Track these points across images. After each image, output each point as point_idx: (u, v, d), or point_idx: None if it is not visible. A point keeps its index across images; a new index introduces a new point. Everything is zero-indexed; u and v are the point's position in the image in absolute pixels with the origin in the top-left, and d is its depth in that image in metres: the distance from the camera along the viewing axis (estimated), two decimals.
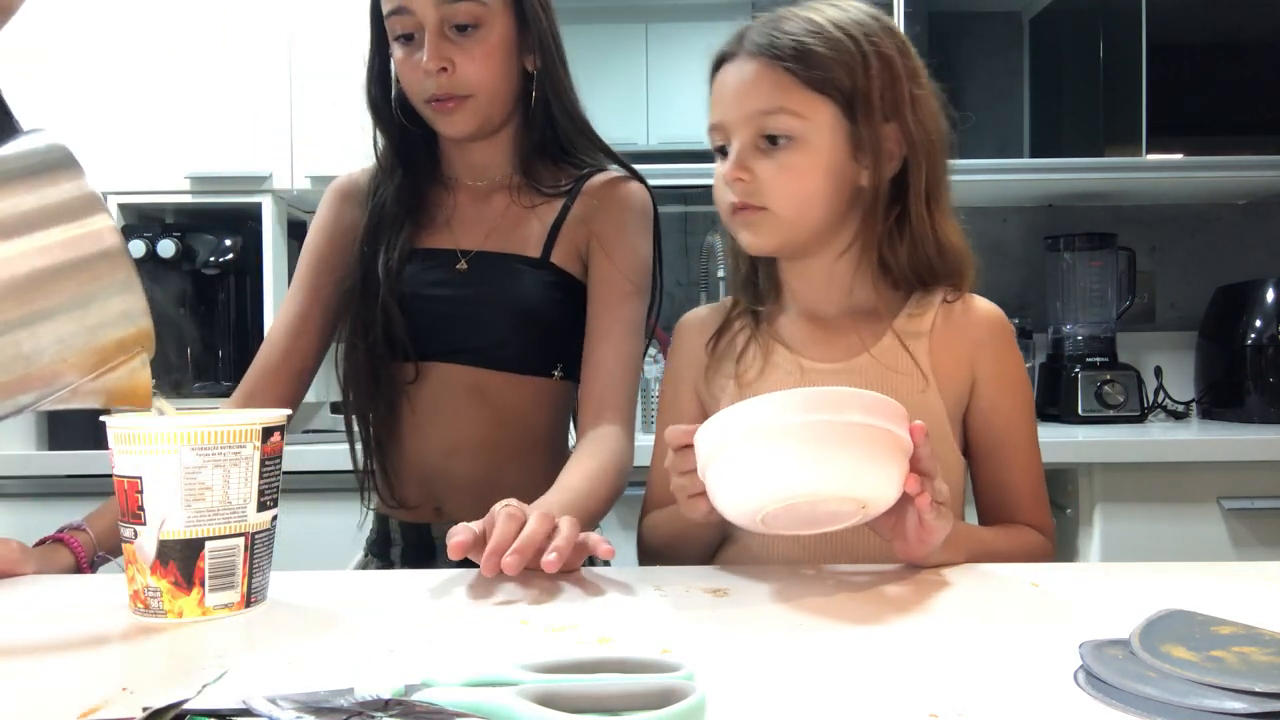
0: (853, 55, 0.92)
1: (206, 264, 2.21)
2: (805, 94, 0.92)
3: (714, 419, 0.74)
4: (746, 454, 0.72)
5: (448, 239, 1.18)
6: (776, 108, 0.92)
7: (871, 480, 0.72)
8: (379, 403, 1.16)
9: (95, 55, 2.24)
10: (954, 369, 0.97)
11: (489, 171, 1.20)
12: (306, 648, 0.65)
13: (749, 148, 0.93)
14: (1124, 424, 2.19)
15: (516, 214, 1.18)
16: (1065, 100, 2.27)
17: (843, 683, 0.57)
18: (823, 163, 0.93)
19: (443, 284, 1.16)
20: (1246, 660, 0.54)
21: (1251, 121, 2.19)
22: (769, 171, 0.93)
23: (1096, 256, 2.32)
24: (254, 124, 2.22)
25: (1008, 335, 1.00)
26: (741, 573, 0.86)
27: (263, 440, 0.75)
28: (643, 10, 2.84)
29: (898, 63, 0.95)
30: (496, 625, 0.70)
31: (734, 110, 0.94)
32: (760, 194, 0.93)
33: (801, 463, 0.70)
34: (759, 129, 0.93)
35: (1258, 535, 1.83)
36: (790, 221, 0.94)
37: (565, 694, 0.51)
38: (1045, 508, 1.00)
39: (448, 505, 1.16)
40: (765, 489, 0.72)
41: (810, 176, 0.93)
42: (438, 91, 1.10)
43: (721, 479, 0.74)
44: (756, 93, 0.93)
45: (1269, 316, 2.16)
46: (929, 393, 0.95)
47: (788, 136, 0.92)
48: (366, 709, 0.48)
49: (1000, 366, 0.98)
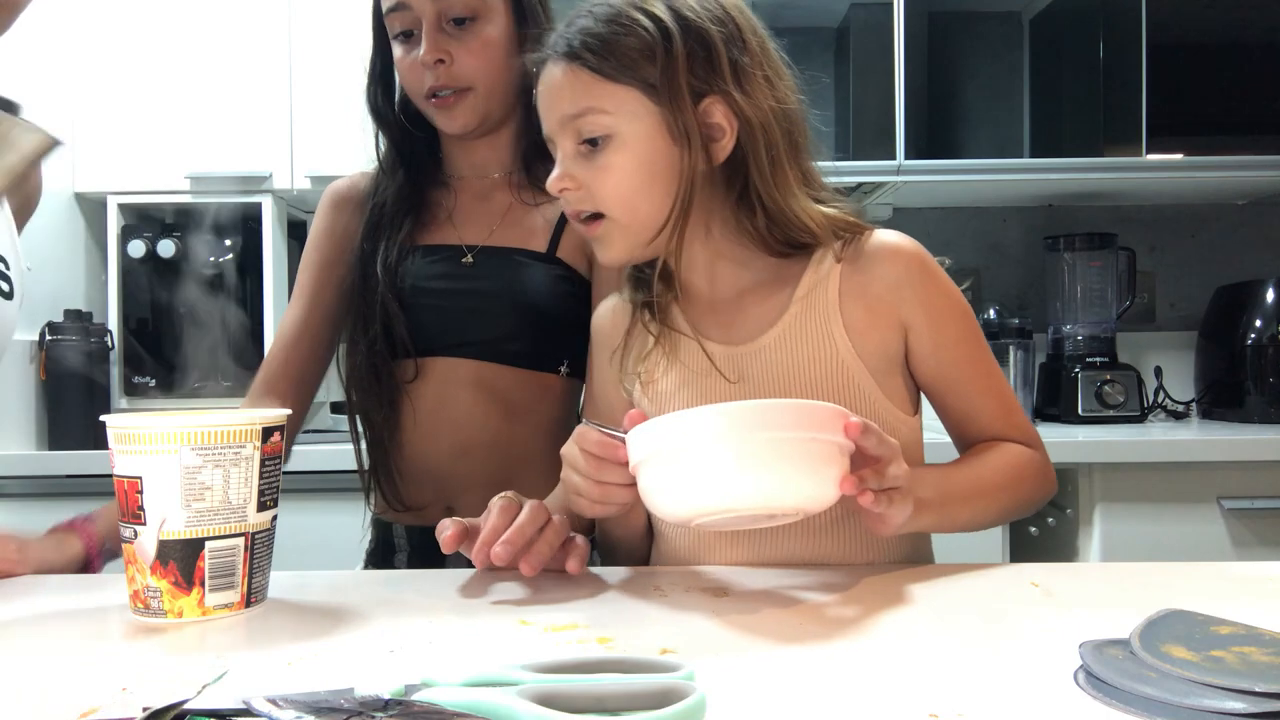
0: (652, 37, 0.86)
1: (206, 264, 2.21)
2: (608, 87, 0.87)
3: (648, 426, 0.74)
4: (678, 466, 0.72)
5: (452, 235, 1.18)
6: (584, 108, 0.87)
7: (804, 490, 0.72)
8: (382, 400, 1.15)
9: (95, 55, 2.25)
10: (874, 321, 0.91)
11: (491, 168, 1.20)
12: (306, 648, 0.65)
13: (571, 155, 0.89)
14: (1124, 424, 2.19)
15: (520, 210, 1.18)
16: (1065, 100, 2.27)
17: (843, 683, 0.57)
18: (639, 154, 0.87)
19: (448, 277, 1.16)
20: (1246, 660, 0.54)
21: (1251, 121, 2.19)
22: (591, 175, 0.88)
23: (1096, 256, 2.32)
24: (254, 124, 2.22)
25: (924, 268, 0.92)
26: (741, 573, 0.86)
27: (263, 440, 0.75)
28: None
29: (713, 33, 0.88)
30: (496, 625, 0.70)
31: (550, 118, 0.90)
32: (589, 199, 0.89)
33: (732, 477, 0.71)
34: (576, 133, 0.88)
35: (1258, 535, 1.83)
36: (627, 224, 0.90)
37: (565, 694, 0.51)
38: (1017, 418, 0.95)
39: (460, 506, 1.13)
40: (696, 501, 0.73)
41: (629, 172, 0.88)
42: (436, 84, 1.10)
43: (654, 485, 0.75)
44: (564, 97, 0.88)
45: (1269, 316, 2.16)
46: (845, 358, 0.90)
47: (604, 135, 0.87)
48: (366, 709, 0.48)
49: (927, 304, 0.91)
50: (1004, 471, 0.92)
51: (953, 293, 0.94)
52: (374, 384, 1.15)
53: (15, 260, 1.01)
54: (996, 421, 0.94)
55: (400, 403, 1.16)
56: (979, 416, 0.94)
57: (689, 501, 0.73)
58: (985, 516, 0.91)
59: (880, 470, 0.76)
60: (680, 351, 0.96)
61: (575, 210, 0.91)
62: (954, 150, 2.20)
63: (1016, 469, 0.92)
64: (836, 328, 0.91)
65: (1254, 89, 2.17)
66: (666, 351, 0.96)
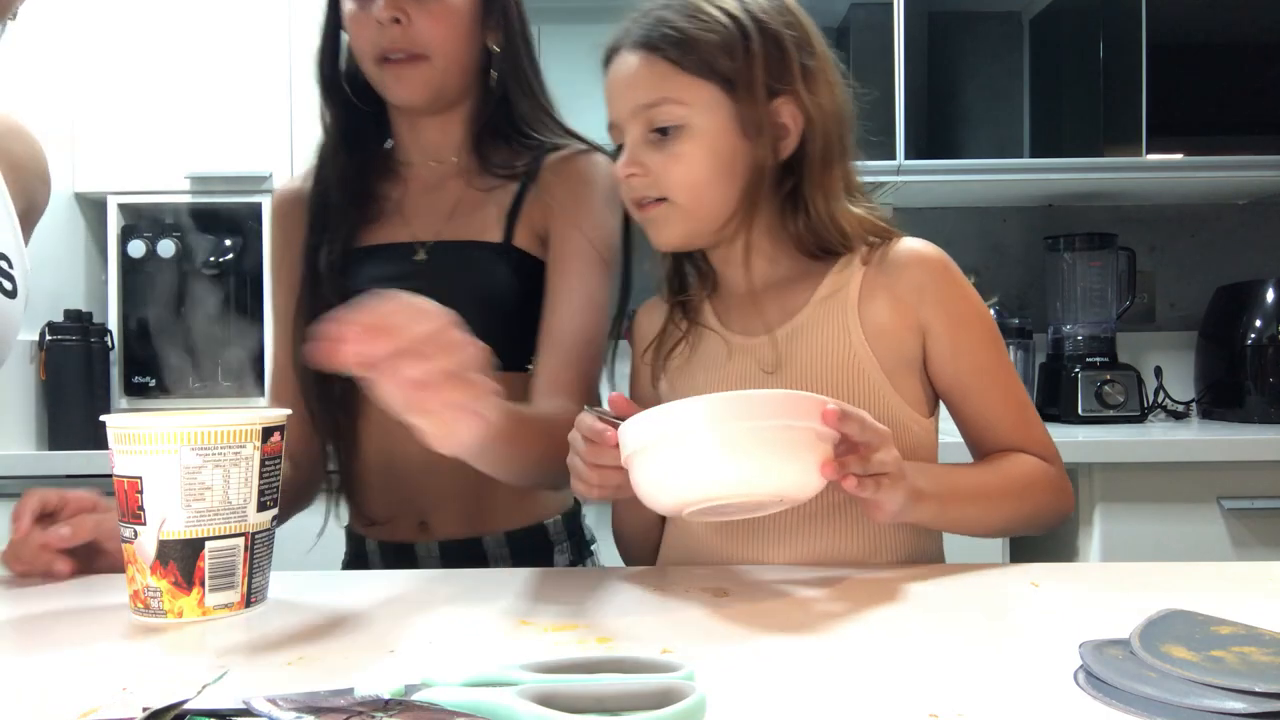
0: (732, 34, 0.90)
1: (206, 264, 2.21)
2: (685, 80, 0.90)
3: (634, 420, 0.75)
4: (661, 457, 0.73)
5: (401, 230, 1.11)
6: (660, 98, 0.90)
7: (785, 477, 0.73)
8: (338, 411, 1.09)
9: (95, 55, 2.24)
10: (893, 322, 0.92)
11: (442, 152, 1.13)
12: (306, 648, 0.65)
13: (640, 142, 0.92)
14: (1124, 424, 2.18)
15: (473, 198, 1.11)
16: (1065, 100, 2.27)
17: (843, 683, 0.57)
18: (711, 146, 0.91)
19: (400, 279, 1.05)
20: (1246, 660, 0.54)
21: (1251, 121, 2.19)
22: (660, 162, 0.91)
23: (1096, 256, 2.32)
24: (254, 124, 2.22)
25: (947, 274, 0.94)
26: (741, 573, 0.86)
27: (263, 440, 0.75)
28: None
29: (785, 36, 0.92)
30: (496, 625, 0.70)
31: (621, 106, 0.93)
32: (656, 186, 0.92)
33: (712, 466, 0.72)
34: (647, 122, 0.91)
35: (1258, 535, 1.83)
36: (689, 210, 0.93)
37: (565, 694, 0.51)
38: (1036, 432, 0.95)
39: (434, 520, 1.09)
40: (680, 491, 0.74)
41: (700, 162, 0.91)
42: (390, 47, 1.02)
43: (641, 477, 0.76)
44: (639, 86, 0.91)
45: (1269, 316, 2.16)
46: (859, 353, 0.92)
47: (676, 126, 0.90)
48: (366, 709, 0.48)
49: (948, 308, 0.93)
50: (1014, 479, 0.91)
51: (975, 301, 0.95)
52: (327, 391, 1.08)
53: (20, 260, 1.00)
54: (1013, 432, 0.94)
55: (359, 413, 1.09)
56: (995, 425, 0.94)
57: (674, 492, 0.74)
58: (991, 521, 0.91)
59: (865, 456, 0.77)
60: (702, 343, 0.99)
61: (640, 196, 0.93)
62: (954, 150, 2.20)
63: (1027, 478, 0.92)
64: (854, 325, 0.92)
65: (1254, 89, 2.17)
66: (691, 343, 0.99)
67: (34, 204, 1.09)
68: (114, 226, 2.24)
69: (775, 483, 0.73)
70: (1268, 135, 2.17)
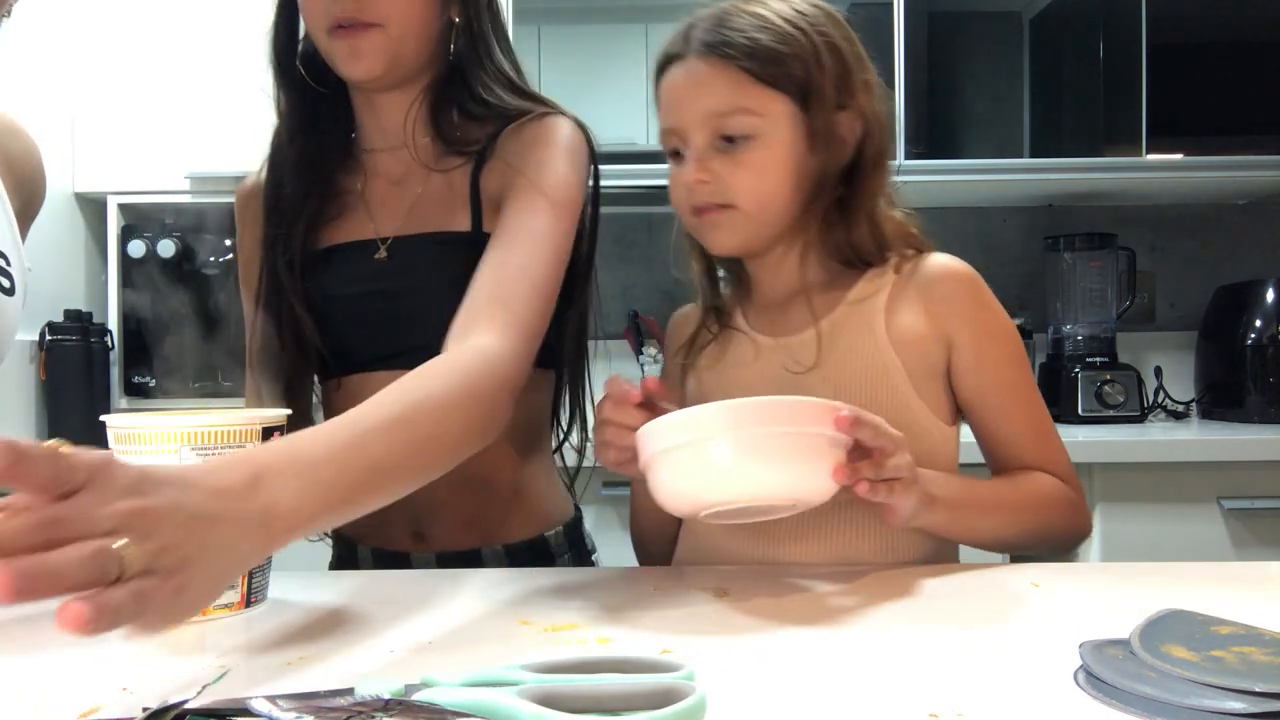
0: (804, 47, 0.91)
1: (206, 264, 2.21)
2: (761, 91, 0.91)
3: (653, 423, 0.76)
4: (677, 462, 0.74)
5: (364, 226, 1.04)
6: (734, 107, 0.91)
7: (797, 482, 0.74)
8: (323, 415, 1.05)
9: (95, 55, 2.24)
10: (920, 332, 0.93)
11: (401, 135, 1.04)
12: (306, 648, 0.65)
13: (706, 148, 0.92)
14: (1124, 424, 2.18)
15: (437, 186, 1.03)
16: (1065, 100, 2.27)
17: (843, 683, 0.57)
18: (783, 158, 0.92)
19: (360, 279, 1.02)
20: (1246, 660, 0.54)
21: (1251, 121, 2.19)
22: (729, 170, 0.92)
23: (1096, 256, 2.32)
24: (254, 124, 2.22)
25: (976, 289, 0.95)
26: (741, 573, 0.86)
27: (262, 440, 0.75)
28: (643, 10, 2.83)
29: (846, 50, 0.94)
30: (496, 625, 0.70)
31: (689, 113, 0.93)
32: (724, 193, 0.92)
33: (726, 472, 0.72)
34: (716, 130, 0.91)
35: (1258, 535, 1.83)
36: (755, 218, 0.94)
37: (565, 694, 0.51)
38: (1056, 452, 0.95)
39: (430, 531, 1.04)
40: (696, 494, 0.75)
41: (773, 172, 0.92)
42: (342, 15, 0.95)
43: (657, 480, 0.76)
44: (712, 93, 0.91)
45: (1269, 316, 2.16)
46: (885, 357, 0.93)
47: (746, 135, 0.91)
48: (366, 709, 0.48)
49: (975, 322, 0.94)
50: (1030, 494, 0.92)
51: (1002, 319, 0.96)
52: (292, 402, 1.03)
53: (17, 258, 1.00)
54: (1031, 450, 0.94)
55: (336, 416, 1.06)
56: (1013, 442, 0.95)
57: (690, 496, 0.75)
58: (1005, 533, 0.91)
59: (879, 461, 0.77)
60: (732, 345, 1.00)
61: (705, 202, 0.93)
62: (954, 150, 2.20)
63: (1043, 495, 0.92)
64: (880, 330, 0.94)
65: (1254, 89, 2.17)
66: (720, 344, 1.00)
67: (30, 202, 1.09)
68: (114, 226, 2.24)
69: (788, 488, 0.74)
70: (1268, 135, 2.17)
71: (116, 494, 0.47)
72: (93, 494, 0.46)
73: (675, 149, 0.95)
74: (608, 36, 2.76)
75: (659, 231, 2.54)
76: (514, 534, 1.06)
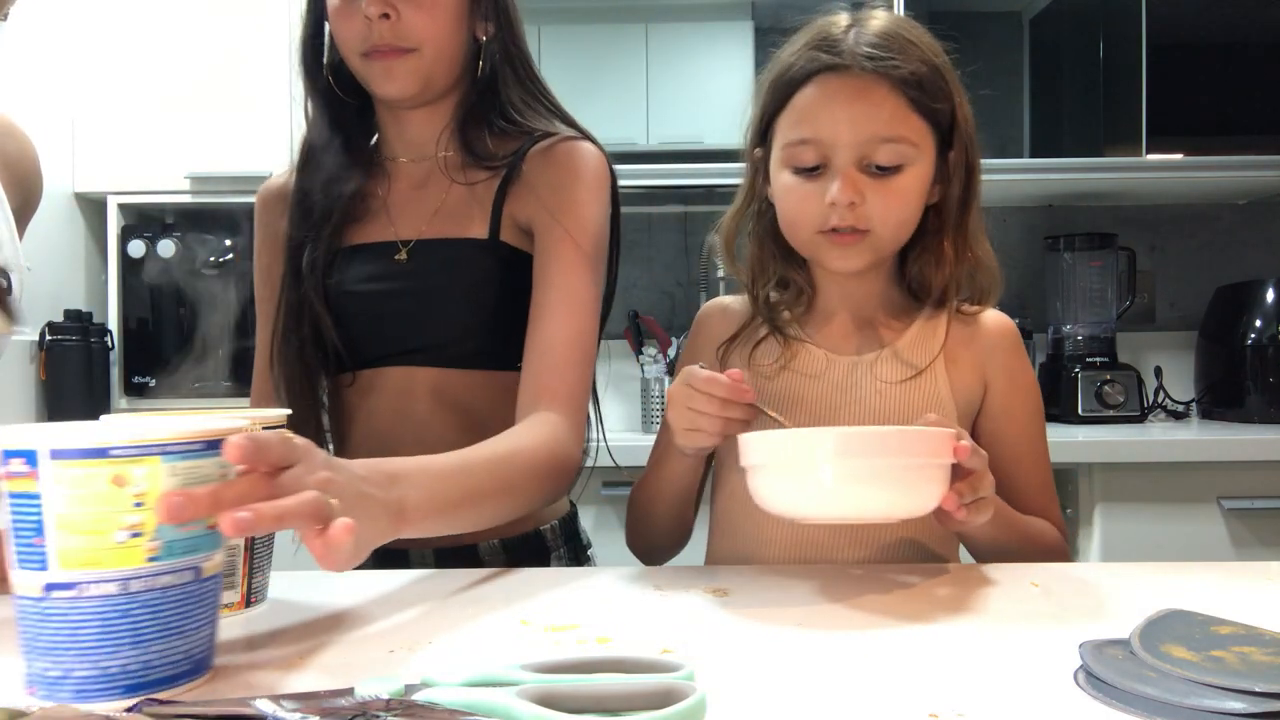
0: (945, 80, 0.93)
1: (206, 264, 2.21)
2: (917, 121, 0.91)
3: (763, 438, 0.78)
4: (788, 478, 0.77)
5: (385, 229, 1.08)
6: (896, 135, 0.90)
7: (904, 507, 0.77)
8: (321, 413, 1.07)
9: (95, 55, 2.25)
10: (966, 375, 0.98)
11: (427, 147, 1.09)
12: (306, 648, 0.65)
13: (857, 171, 0.90)
14: (1124, 424, 2.18)
15: (459, 194, 1.07)
16: (1065, 100, 2.27)
17: (843, 683, 0.57)
18: (920, 187, 0.93)
19: (380, 279, 1.06)
20: (1246, 660, 0.54)
21: (1251, 121, 2.20)
22: (878, 195, 0.90)
23: (1096, 256, 2.32)
24: (254, 124, 2.22)
25: (1017, 342, 1.02)
26: (742, 573, 0.86)
27: None
28: (643, 10, 2.83)
29: (962, 92, 0.95)
30: (496, 625, 0.70)
31: (847, 131, 0.90)
32: (867, 218, 0.91)
33: (837, 496, 0.74)
34: (870, 154, 0.90)
35: (1258, 535, 1.84)
36: (888, 243, 0.94)
37: (565, 694, 0.51)
38: (1054, 504, 1.01)
39: None
40: (801, 508, 0.77)
41: (912, 200, 0.93)
42: (379, 42, 0.99)
43: (764, 488, 0.78)
44: (876, 118, 0.89)
45: (1269, 316, 2.16)
46: (942, 393, 0.97)
47: (898, 164, 0.90)
48: (366, 709, 0.48)
49: (1011, 373, 1.00)
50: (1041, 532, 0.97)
51: (1032, 376, 1.03)
52: (308, 393, 1.06)
53: (15, 256, 1.01)
54: (1036, 499, 0.99)
55: (346, 416, 1.08)
56: (1020, 490, 0.98)
57: (795, 508, 0.77)
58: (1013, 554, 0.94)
59: (975, 484, 0.80)
60: (797, 358, 1.00)
61: (845, 225, 0.91)
62: None
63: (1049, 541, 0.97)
64: (939, 364, 0.97)
65: (1254, 89, 2.17)
66: (783, 352, 1.00)
67: (28, 200, 1.10)
68: (114, 226, 2.24)
69: (895, 512, 0.77)
70: (1268, 135, 2.17)
71: (317, 468, 0.63)
72: (303, 467, 0.62)
73: (813, 165, 0.92)
74: (608, 36, 2.76)
75: (659, 231, 2.54)
76: (510, 528, 1.07)
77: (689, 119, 2.94)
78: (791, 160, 0.93)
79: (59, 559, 0.53)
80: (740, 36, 2.97)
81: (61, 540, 0.53)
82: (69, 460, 0.53)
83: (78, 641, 0.53)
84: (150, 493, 0.54)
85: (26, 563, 0.54)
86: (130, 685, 0.54)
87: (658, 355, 2.24)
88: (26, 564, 0.54)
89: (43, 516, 0.53)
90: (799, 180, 0.93)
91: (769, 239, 1.01)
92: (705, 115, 2.93)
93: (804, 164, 0.92)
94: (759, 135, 0.99)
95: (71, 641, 0.53)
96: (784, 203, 0.95)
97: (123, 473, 0.53)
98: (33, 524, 0.53)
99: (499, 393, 1.05)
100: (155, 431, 0.55)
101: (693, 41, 2.92)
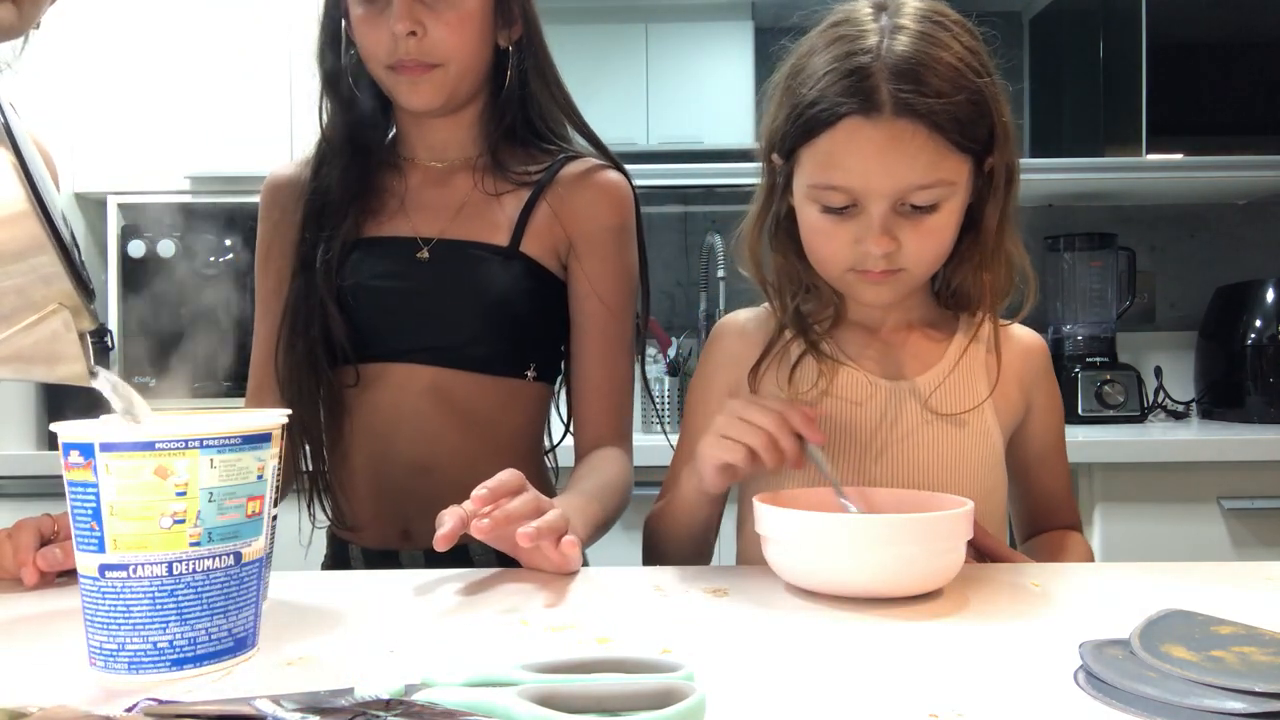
0: (985, 100, 0.86)
1: (206, 264, 2.21)
2: (956, 159, 0.85)
3: (778, 514, 0.77)
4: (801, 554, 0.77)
5: (404, 225, 1.08)
6: (935, 180, 0.84)
7: (925, 585, 0.76)
8: (320, 409, 1.07)
9: (95, 55, 2.24)
10: (1008, 393, 0.98)
11: (449, 152, 1.11)
12: (306, 648, 0.65)
13: (890, 213, 0.86)
14: (1124, 424, 2.19)
15: (480, 199, 1.08)
16: (1065, 100, 2.27)
17: (843, 682, 0.57)
18: (954, 220, 0.89)
19: (399, 275, 1.06)
20: (1246, 660, 0.54)
21: (1251, 121, 2.20)
22: (914, 237, 0.87)
23: (1096, 256, 2.32)
24: (254, 124, 2.22)
25: (1049, 364, 1.04)
26: (741, 573, 0.86)
27: None
28: (643, 10, 2.84)
29: (1000, 89, 0.89)
30: (496, 625, 0.70)
31: (881, 182, 0.84)
32: (900, 258, 0.87)
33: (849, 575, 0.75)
34: (906, 199, 0.85)
35: (1258, 535, 1.83)
36: (922, 277, 0.92)
37: (565, 694, 0.51)
38: (1075, 505, 1.06)
39: (418, 527, 1.05)
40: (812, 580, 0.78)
41: (948, 233, 0.89)
42: (404, 56, 1.00)
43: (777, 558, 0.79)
44: (911, 167, 0.83)
45: (1269, 316, 2.16)
46: (988, 422, 0.96)
47: (934, 204, 0.86)
48: (367, 709, 0.48)
49: (1049, 393, 1.02)
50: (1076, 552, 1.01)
51: (1059, 395, 1.05)
52: (312, 390, 1.06)
53: None
54: (1064, 505, 1.05)
55: (343, 412, 1.07)
56: (1051, 497, 1.04)
57: (807, 579, 0.78)
58: None
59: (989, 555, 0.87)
60: (838, 382, 0.96)
61: (883, 267, 0.87)
62: None
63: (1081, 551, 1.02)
64: (983, 385, 0.96)
65: (1254, 89, 2.17)
66: (822, 375, 0.96)
67: None
68: (114, 226, 2.24)
69: (911, 590, 0.76)
70: (1268, 135, 2.18)
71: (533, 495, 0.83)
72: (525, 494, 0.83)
73: (839, 205, 0.87)
74: (608, 36, 2.77)
75: (659, 231, 2.54)
76: None
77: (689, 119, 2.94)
78: (819, 199, 0.88)
79: (112, 542, 0.58)
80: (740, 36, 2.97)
81: (114, 526, 0.57)
82: (118, 453, 0.57)
83: (130, 618, 0.58)
84: (191, 483, 0.58)
85: (85, 545, 0.59)
86: (177, 659, 0.58)
87: (658, 355, 2.24)
88: (85, 546, 0.59)
89: (99, 503, 0.58)
90: (828, 220, 0.88)
91: (793, 251, 0.96)
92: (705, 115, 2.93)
93: (833, 205, 0.87)
94: (781, 152, 0.91)
95: (124, 618, 0.58)
96: (812, 240, 0.91)
97: (166, 464, 0.57)
98: (89, 510, 0.58)
99: (500, 397, 1.07)
100: (196, 427, 0.59)
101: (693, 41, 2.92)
